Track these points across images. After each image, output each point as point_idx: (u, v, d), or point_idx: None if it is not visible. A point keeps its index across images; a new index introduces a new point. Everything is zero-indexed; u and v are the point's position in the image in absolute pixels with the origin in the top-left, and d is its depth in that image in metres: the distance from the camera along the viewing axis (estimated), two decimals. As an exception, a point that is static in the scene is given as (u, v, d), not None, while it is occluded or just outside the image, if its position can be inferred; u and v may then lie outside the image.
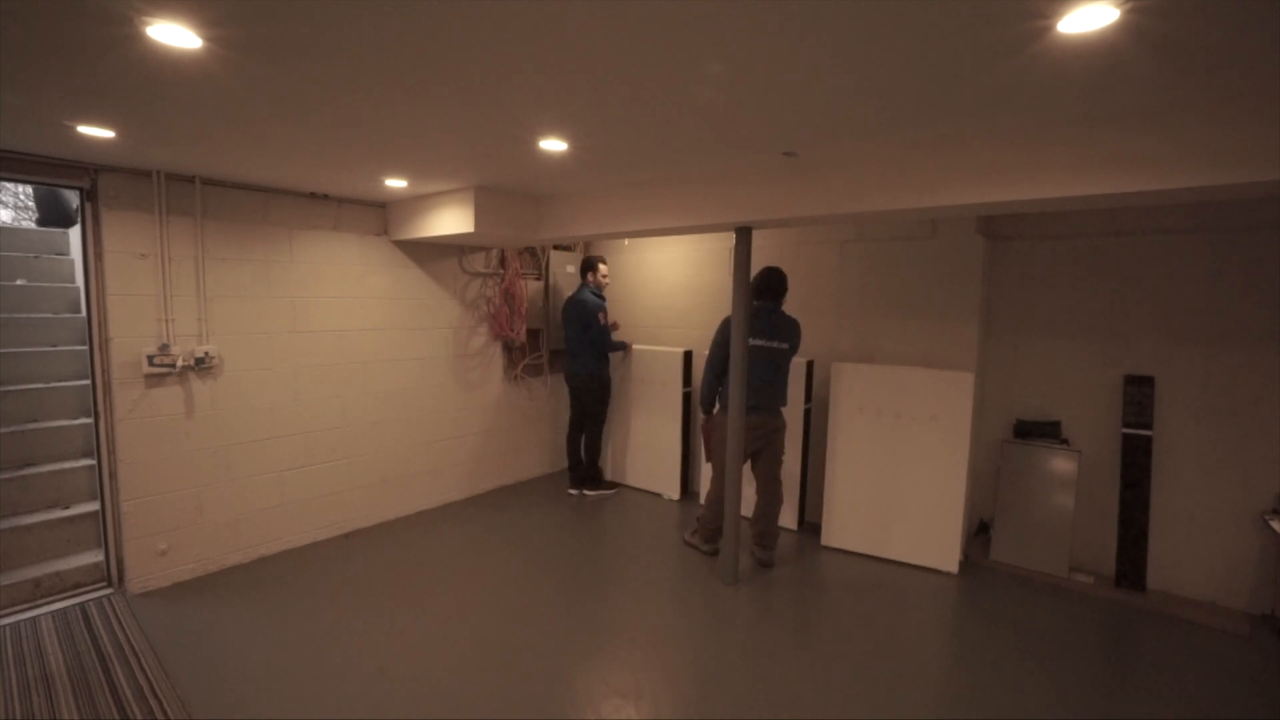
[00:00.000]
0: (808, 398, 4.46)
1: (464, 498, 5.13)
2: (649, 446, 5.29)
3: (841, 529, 4.23)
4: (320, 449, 4.26)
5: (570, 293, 5.09)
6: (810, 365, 4.46)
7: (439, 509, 4.92)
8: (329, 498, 4.33)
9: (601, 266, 4.99)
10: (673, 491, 5.18)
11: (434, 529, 4.52)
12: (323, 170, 3.36)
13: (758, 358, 3.79)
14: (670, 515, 4.85)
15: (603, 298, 4.97)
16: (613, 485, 5.19)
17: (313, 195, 4.09)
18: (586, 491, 5.07)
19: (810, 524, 4.65)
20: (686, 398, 5.09)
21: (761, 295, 3.89)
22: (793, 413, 4.44)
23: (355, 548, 4.19)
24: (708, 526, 4.06)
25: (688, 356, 5.10)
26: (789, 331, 3.84)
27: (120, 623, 3.24)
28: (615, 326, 5.26)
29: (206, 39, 1.73)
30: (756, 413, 3.80)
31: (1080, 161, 2.32)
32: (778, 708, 2.63)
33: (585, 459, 5.08)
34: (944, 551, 3.91)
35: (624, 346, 5.02)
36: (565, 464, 6.03)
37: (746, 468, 4.20)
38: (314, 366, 4.18)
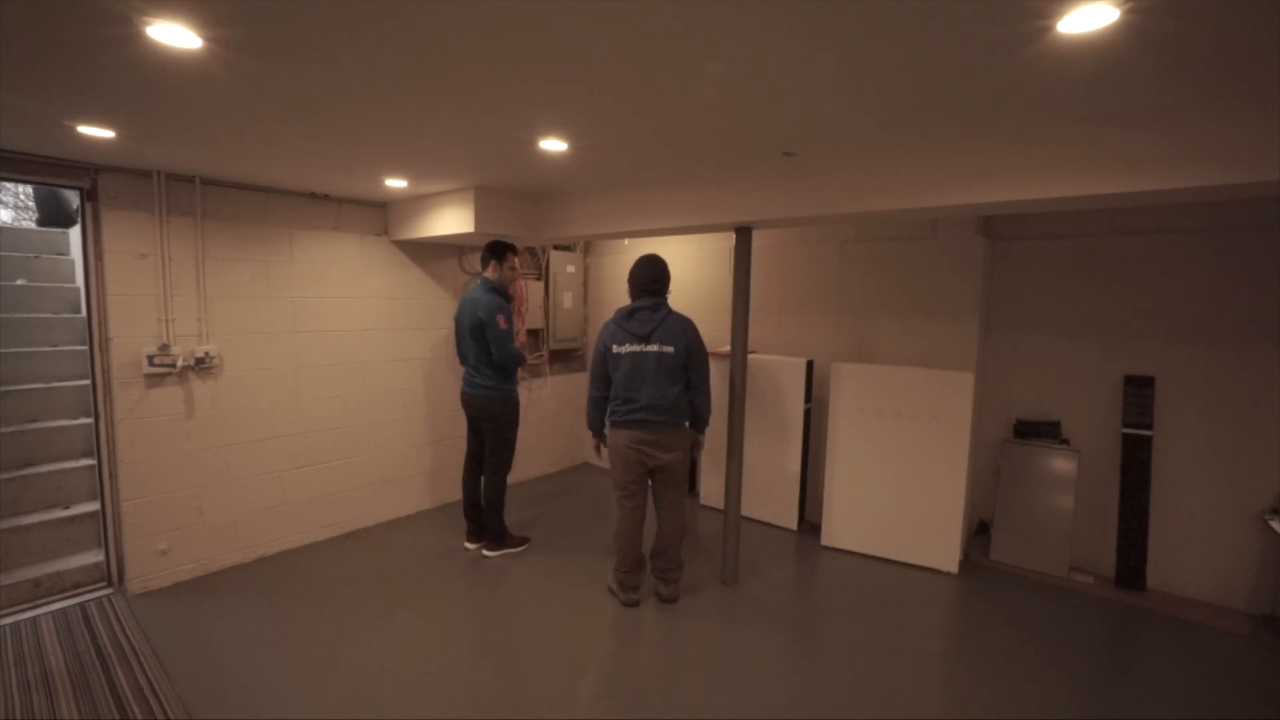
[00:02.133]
0: (807, 397, 4.43)
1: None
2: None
3: (842, 529, 4.21)
4: (320, 449, 4.23)
5: (473, 292, 3.86)
6: (810, 365, 4.44)
7: (438, 509, 4.89)
8: (329, 498, 4.30)
9: (513, 258, 3.86)
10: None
11: (434, 528, 4.49)
12: (323, 170, 3.33)
13: (639, 366, 3.19)
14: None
15: (508, 296, 3.87)
16: (523, 540, 4.08)
17: (313, 195, 4.07)
18: (487, 551, 3.96)
19: (810, 524, 4.63)
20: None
21: (644, 291, 3.27)
22: (792, 412, 4.41)
23: (355, 548, 4.16)
24: (621, 570, 3.46)
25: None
26: (678, 332, 3.20)
27: (120, 622, 3.24)
28: (521, 340, 4.55)
29: (206, 39, 1.72)
30: (643, 427, 3.20)
31: (1080, 161, 2.31)
32: (779, 708, 2.62)
33: (485, 508, 3.95)
34: (944, 551, 3.89)
35: (522, 359, 3.85)
36: (567, 462, 5.96)
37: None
38: (314, 366, 4.15)
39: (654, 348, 3.20)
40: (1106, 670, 2.95)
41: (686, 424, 3.33)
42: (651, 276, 3.30)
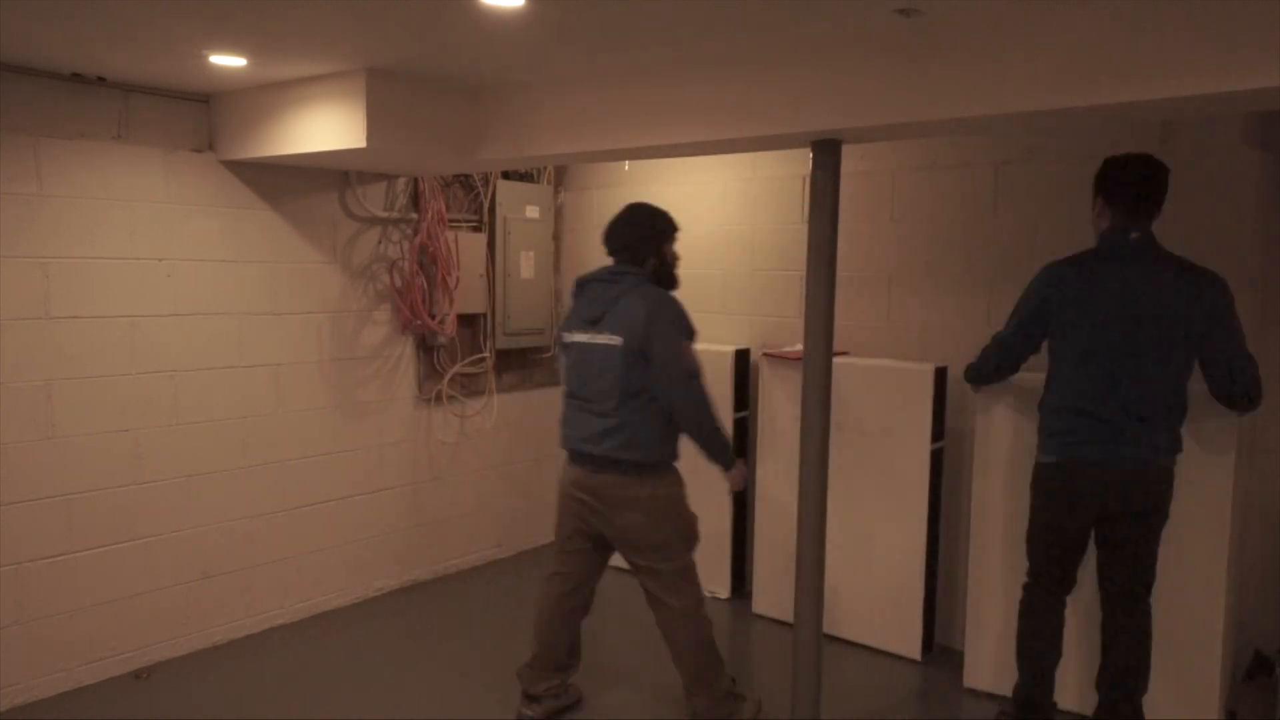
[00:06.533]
0: (937, 432, 4.30)
1: (349, 603, 5.09)
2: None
3: (998, 662, 4.05)
4: (93, 522, 4.09)
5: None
6: (942, 375, 4.31)
7: (305, 622, 4.86)
8: (108, 609, 4.15)
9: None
10: (719, 587, 5.12)
11: (295, 659, 4.46)
12: (95, 33, 3.22)
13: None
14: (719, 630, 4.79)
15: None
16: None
17: (77, 77, 3.91)
18: None
19: (944, 650, 4.51)
20: (740, 426, 5.11)
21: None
22: (911, 457, 4.35)
23: (153, 695, 4.06)
24: (526, 665, 3.69)
25: (741, 358, 5.06)
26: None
27: None
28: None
29: None
30: (581, 464, 3.53)
31: None
32: None
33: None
34: (1190, 699, 3.64)
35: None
36: (524, 544, 6.05)
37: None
38: (83, 379, 4.04)
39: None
40: None
41: (659, 464, 3.52)
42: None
